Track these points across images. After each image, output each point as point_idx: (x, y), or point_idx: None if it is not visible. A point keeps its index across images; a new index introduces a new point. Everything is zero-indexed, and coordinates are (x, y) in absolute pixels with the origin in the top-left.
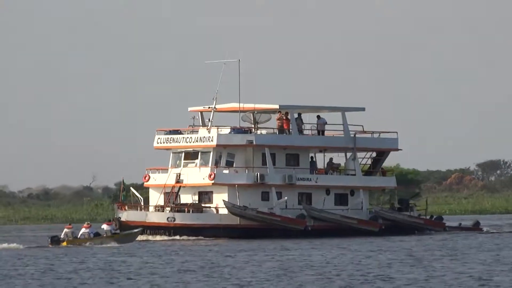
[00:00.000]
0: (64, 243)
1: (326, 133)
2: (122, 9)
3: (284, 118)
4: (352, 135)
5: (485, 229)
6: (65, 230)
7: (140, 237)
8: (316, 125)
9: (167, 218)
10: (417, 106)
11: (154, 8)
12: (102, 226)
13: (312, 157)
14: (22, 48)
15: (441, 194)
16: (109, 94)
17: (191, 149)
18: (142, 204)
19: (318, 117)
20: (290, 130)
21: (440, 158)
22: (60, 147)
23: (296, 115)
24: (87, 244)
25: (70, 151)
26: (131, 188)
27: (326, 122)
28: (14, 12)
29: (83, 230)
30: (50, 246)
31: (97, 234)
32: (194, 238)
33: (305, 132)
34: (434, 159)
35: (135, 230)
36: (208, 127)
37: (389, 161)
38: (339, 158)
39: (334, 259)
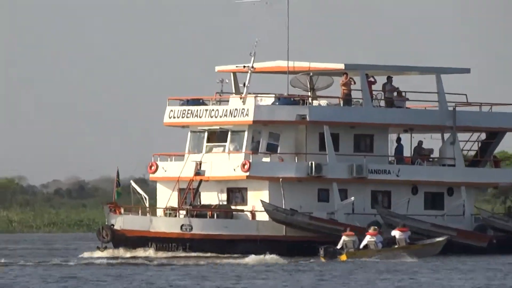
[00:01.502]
0: (343, 257)
1: (411, 105)
2: None
3: (353, 82)
4: (451, 109)
5: None
6: (344, 238)
7: (138, 253)
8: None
9: (181, 226)
10: None
11: None
12: (393, 233)
13: (397, 139)
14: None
15: None
16: (106, 47)
17: (217, 127)
18: (146, 205)
19: (389, 78)
20: (359, 101)
21: None
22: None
23: (375, 80)
24: (374, 257)
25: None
26: (131, 182)
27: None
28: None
29: (368, 238)
30: (323, 260)
31: (390, 243)
32: (218, 255)
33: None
34: None
35: (440, 239)
36: (243, 95)
37: (504, 146)
38: (431, 142)
39: None
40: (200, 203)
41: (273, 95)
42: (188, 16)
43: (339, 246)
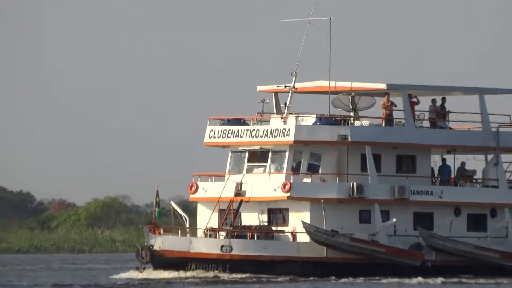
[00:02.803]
0: None
1: (454, 125)
2: None
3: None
4: (495, 129)
5: None
6: None
7: (176, 274)
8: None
9: (221, 247)
10: None
11: None
12: None
13: (442, 160)
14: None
15: None
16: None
17: (258, 147)
18: (187, 226)
19: (434, 101)
20: (401, 121)
21: None
22: None
23: (418, 100)
24: None
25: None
26: (171, 202)
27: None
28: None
29: None
30: None
31: None
32: (258, 276)
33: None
34: None
35: None
36: (284, 115)
37: None
38: (475, 163)
39: None
40: (240, 224)
41: (315, 115)
42: (230, 35)
43: None
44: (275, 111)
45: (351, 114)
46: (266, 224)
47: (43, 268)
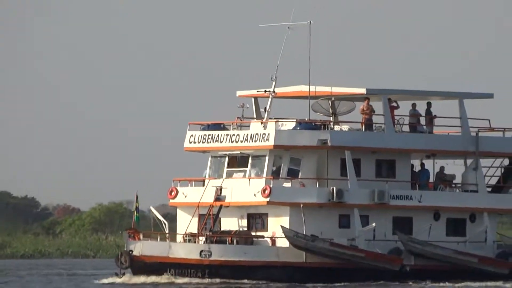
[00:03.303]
0: None
1: (434, 130)
2: None
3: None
4: (474, 134)
5: None
6: None
7: (157, 279)
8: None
9: (201, 252)
10: None
11: None
12: None
13: (421, 165)
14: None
15: None
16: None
17: (238, 152)
18: (166, 231)
19: (414, 106)
20: (382, 126)
21: None
22: None
23: (398, 105)
24: None
25: None
26: (151, 208)
27: (420, 114)
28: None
29: None
30: None
31: None
32: (238, 281)
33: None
34: None
35: None
36: (264, 120)
37: None
38: (454, 167)
39: None
40: (220, 229)
41: (294, 120)
42: (209, 40)
43: None
44: (255, 116)
45: (331, 118)
46: (245, 229)
47: (32, 274)
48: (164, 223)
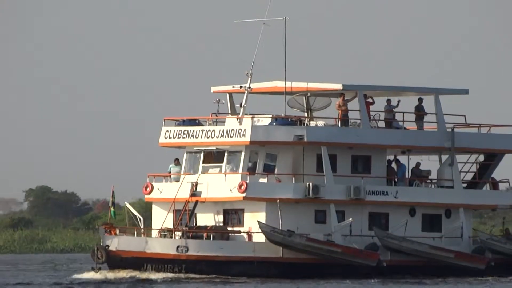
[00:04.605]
0: None
1: (409, 126)
2: None
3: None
4: (450, 130)
5: None
6: None
7: (135, 274)
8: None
9: (177, 248)
10: None
11: None
12: None
13: (396, 160)
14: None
15: None
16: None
17: (214, 147)
18: (141, 226)
19: (389, 101)
20: (357, 121)
21: None
22: None
23: (373, 100)
24: None
25: None
26: (125, 203)
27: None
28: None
29: None
30: None
31: None
32: (214, 276)
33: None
34: None
35: None
36: (240, 116)
37: (503, 169)
38: (429, 163)
39: None
40: (196, 224)
41: (270, 116)
42: (184, 36)
43: None
44: (230, 112)
45: (307, 114)
46: (221, 224)
47: (13, 269)
48: (139, 218)
